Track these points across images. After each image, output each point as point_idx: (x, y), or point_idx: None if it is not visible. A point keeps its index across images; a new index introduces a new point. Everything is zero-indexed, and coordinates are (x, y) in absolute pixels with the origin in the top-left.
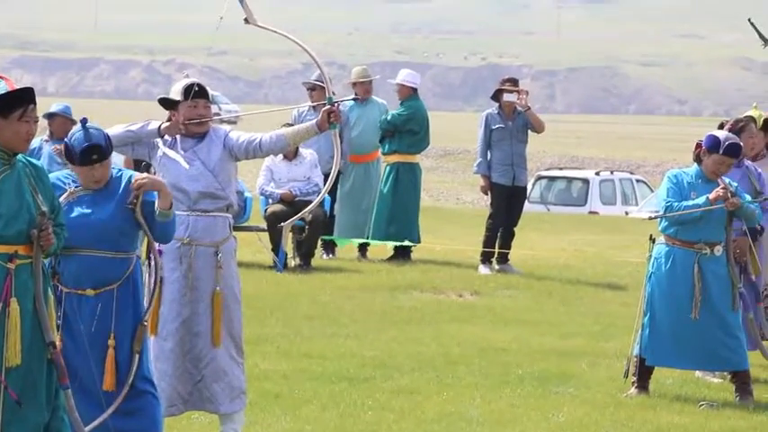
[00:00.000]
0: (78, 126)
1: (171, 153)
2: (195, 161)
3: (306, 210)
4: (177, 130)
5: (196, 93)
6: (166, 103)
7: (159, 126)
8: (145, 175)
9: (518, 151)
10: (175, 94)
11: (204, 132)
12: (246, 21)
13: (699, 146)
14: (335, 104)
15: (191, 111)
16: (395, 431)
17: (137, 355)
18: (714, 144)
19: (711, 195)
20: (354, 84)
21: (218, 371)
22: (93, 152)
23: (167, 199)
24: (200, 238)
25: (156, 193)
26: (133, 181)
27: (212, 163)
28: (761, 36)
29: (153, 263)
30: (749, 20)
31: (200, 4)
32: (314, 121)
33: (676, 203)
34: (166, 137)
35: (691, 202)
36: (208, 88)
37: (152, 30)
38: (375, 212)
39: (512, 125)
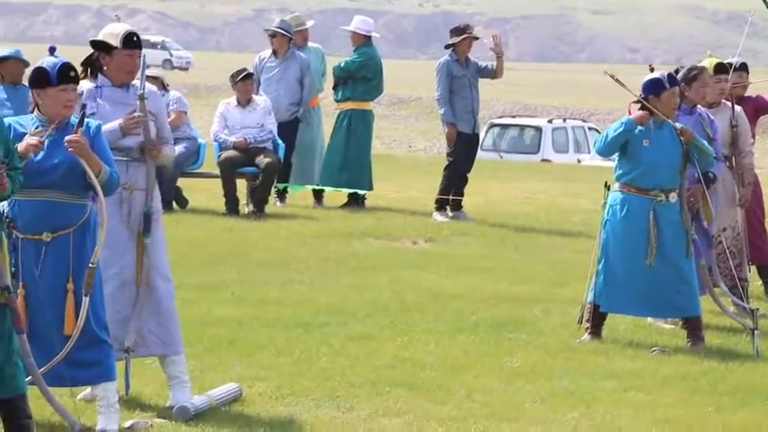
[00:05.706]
0: (47, 54)
1: (108, 106)
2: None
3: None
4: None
5: (134, 43)
6: (98, 45)
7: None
8: (77, 139)
9: (477, 99)
10: (112, 38)
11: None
12: None
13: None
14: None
15: (125, 59)
16: (349, 377)
17: (86, 299)
18: (658, 84)
19: (635, 116)
20: None
21: (162, 312)
22: (71, 69)
23: (94, 167)
24: (139, 183)
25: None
26: (66, 140)
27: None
28: None
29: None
30: None
31: None
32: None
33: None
34: (93, 86)
35: (617, 123)
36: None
37: None
38: (326, 159)
39: (469, 73)
